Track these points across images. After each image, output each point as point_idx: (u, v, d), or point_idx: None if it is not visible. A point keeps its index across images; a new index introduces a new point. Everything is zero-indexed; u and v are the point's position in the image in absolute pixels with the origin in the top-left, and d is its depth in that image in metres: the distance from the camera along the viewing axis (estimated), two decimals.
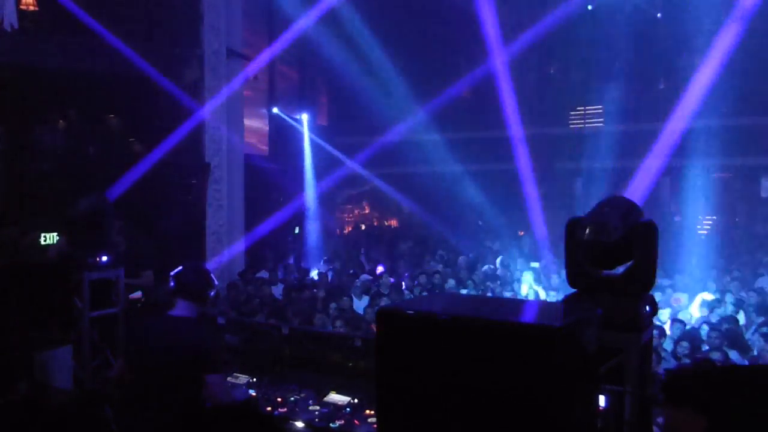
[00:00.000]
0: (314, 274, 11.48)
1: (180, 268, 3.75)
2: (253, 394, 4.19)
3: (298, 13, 12.71)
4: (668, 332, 7.09)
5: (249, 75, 12.90)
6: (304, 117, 16.59)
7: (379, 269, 11.09)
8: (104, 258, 5.01)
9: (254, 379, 4.50)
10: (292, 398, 4.13)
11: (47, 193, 8.67)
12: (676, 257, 11.33)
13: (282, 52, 14.45)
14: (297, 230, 15.92)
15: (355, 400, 4.05)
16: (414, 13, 15.51)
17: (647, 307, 2.44)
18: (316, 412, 3.91)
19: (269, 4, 14.10)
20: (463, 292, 9.34)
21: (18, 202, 8.96)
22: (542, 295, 9.75)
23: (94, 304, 4.85)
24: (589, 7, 15.46)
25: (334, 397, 4.14)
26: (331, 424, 3.72)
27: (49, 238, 8.31)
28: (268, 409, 3.94)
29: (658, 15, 15.45)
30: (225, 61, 11.74)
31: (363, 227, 18.52)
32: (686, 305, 8.73)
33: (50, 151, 9.93)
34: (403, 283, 10.30)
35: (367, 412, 3.88)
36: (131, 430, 3.43)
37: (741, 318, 7.92)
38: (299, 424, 3.76)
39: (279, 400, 4.09)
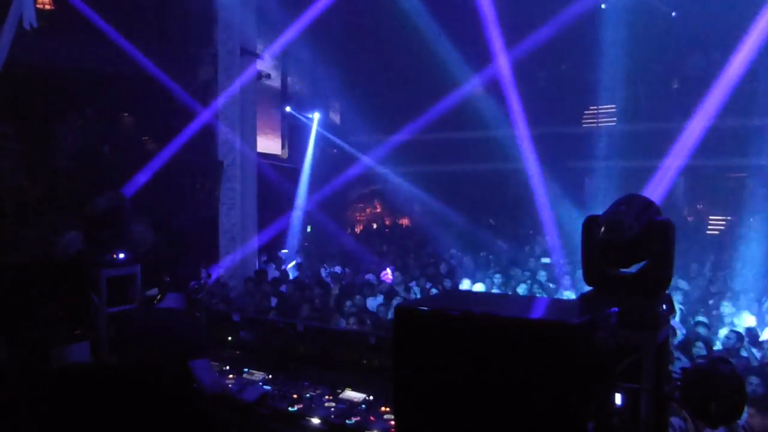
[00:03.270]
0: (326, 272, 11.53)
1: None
2: (269, 389, 4.22)
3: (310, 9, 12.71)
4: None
5: (261, 71, 12.95)
6: (316, 116, 16.67)
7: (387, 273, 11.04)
8: (121, 255, 5.06)
9: (269, 376, 4.54)
10: (308, 395, 4.15)
11: (64, 190, 8.75)
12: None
13: (295, 50, 14.53)
14: (309, 228, 16.00)
15: (370, 397, 4.07)
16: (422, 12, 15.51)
17: (664, 306, 2.44)
18: (332, 409, 3.93)
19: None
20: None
21: (36, 200, 9.06)
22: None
23: (111, 301, 4.90)
24: (603, 6, 15.39)
25: (350, 394, 4.16)
26: (347, 421, 3.74)
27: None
28: (284, 405, 3.98)
29: (673, 14, 15.35)
30: (239, 61, 11.80)
31: (375, 226, 18.54)
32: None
33: (67, 150, 10.03)
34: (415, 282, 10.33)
35: (383, 408, 3.90)
36: None
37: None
38: (315, 420, 3.79)
39: (294, 396, 4.12)
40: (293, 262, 12.73)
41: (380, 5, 15.07)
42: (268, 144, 15.34)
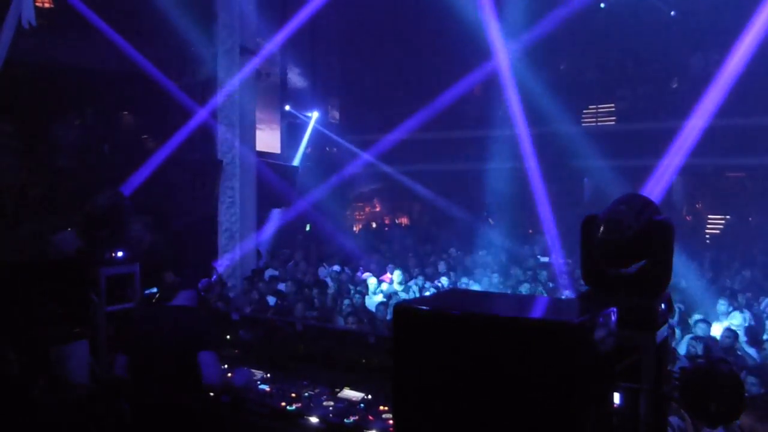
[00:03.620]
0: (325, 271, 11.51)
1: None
2: (268, 389, 4.23)
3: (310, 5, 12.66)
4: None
5: (261, 70, 12.92)
6: (314, 114, 16.67)
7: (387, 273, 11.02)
8: (120, 253, 5.07)
9: (269, 375, 4.54)
10: (307, 394, 4.16)
11: (63, 189, 8.74)
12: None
13: (294, 49, 14.51)
14: (308, 227, 15.98)
15: (369, 396, 4.07)
16: (421, 10, 15.49)
17: (663, 305, 2.45)
18: (331, 408, 3.94)
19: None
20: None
21: (35, 199, 9.05)
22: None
23: (110, 299, 4.90)
24: (602, 5, 15.38)
25: (348, 393, 4.17)
26: (345, 420, 3.75)
27: None
28: (283, 404, 3.98)
29: (672, 13, 15.34)
30: (238, 59, 11.78)
31: (374, 225, 18.53)
32: None
33: (66, 148, 10.02)
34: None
35: (381, 408, 3.90)
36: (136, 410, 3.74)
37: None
38: (314, 419, 3.79)
39: (293, 395, 4.12)
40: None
41: (380, 3, 15.08)
42: (268, 142, 15.33)
